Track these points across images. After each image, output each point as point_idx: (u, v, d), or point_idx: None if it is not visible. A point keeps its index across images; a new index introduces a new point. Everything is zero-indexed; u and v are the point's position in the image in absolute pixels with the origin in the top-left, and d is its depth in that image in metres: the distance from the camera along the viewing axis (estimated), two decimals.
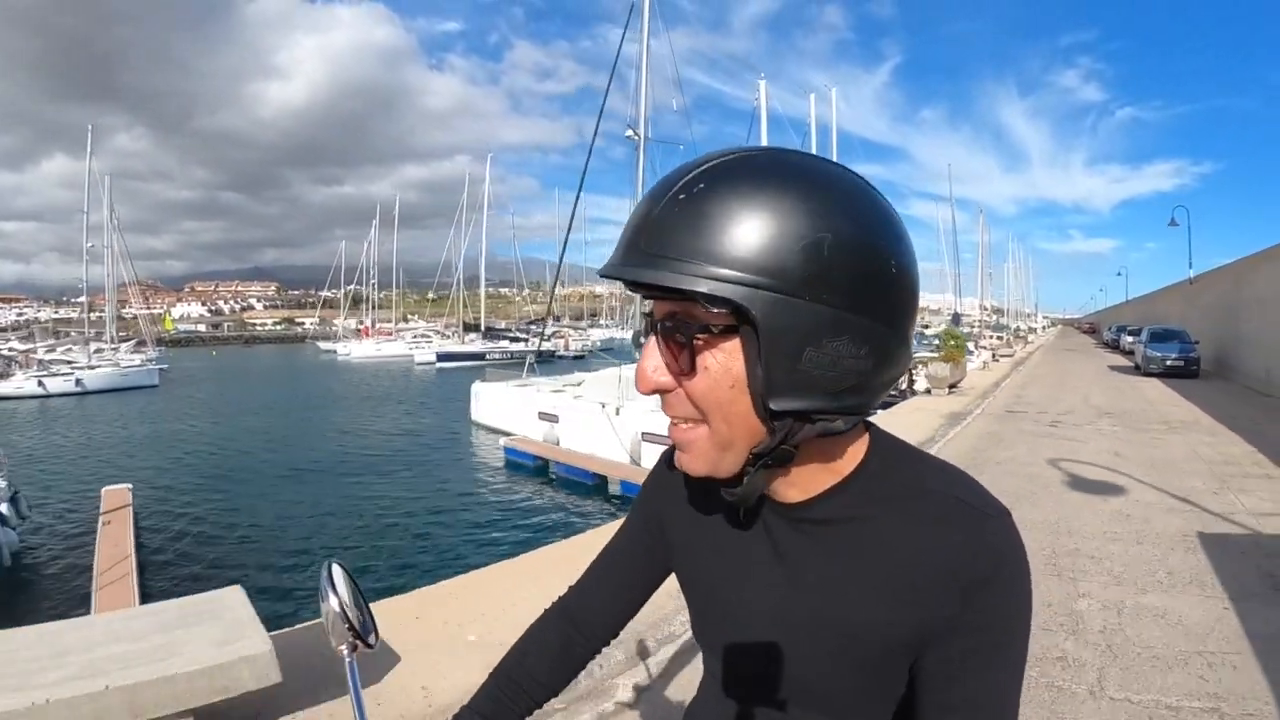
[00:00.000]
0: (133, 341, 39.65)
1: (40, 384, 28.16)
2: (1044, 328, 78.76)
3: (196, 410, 24.52)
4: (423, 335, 55.66)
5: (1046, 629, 3.15)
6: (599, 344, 20.85)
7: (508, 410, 16.05)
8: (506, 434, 14.57)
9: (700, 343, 0.52)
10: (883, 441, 0.62)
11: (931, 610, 0.55)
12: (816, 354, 0.51)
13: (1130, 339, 23.66)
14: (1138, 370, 18.06)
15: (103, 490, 9.97)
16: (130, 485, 10.18)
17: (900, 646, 0.57)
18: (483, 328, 54.19)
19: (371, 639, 0.72)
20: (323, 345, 63.27)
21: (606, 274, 0.54)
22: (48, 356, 31.71)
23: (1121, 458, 7.09)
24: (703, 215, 0.50)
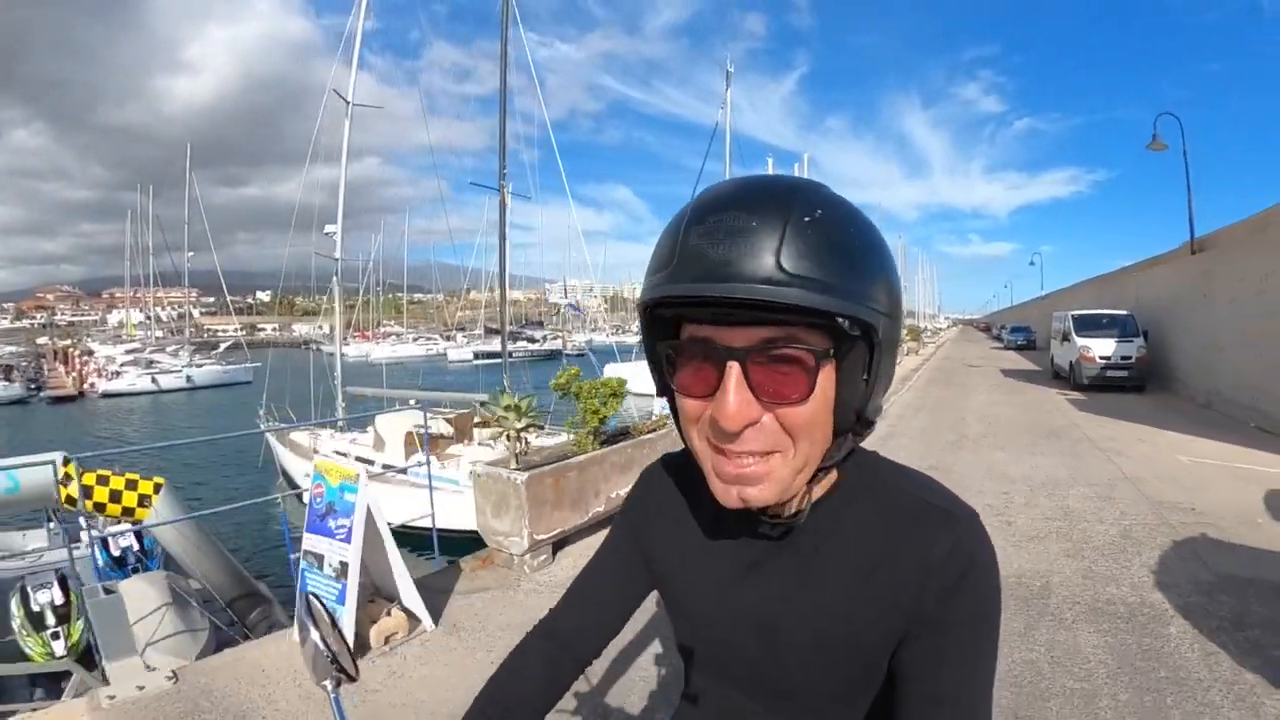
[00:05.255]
0: (227, 345, 44.45)
1: (154, 380, 31.36)
2: (947, 327, 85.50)
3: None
4: (425, 337, 60.14)
5: (962, 377, 15.71)
6: (585, 344, 28.93)
7: (649, 380, 26.28)
8: (653, 396, 24.21)
9: (821, 366, 0.54)
10: (854, 451, 0.64)
11: (910, 610, 0.58)
12: (890, 366, 0.58)
13: (1004, 332, 38.38)
14: (1005, 347, 32.40)
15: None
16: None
17: (881, 646, 0.60)
18: (504, 330, 61.85)
19: (353, 671, 0.72)
20: (326, 349, 63.51)
21: (744, 296, 0.49)
22: (154, 357, 36.12)
23: (983, 364, 20.61)
24: (836, 242, 0.52)
